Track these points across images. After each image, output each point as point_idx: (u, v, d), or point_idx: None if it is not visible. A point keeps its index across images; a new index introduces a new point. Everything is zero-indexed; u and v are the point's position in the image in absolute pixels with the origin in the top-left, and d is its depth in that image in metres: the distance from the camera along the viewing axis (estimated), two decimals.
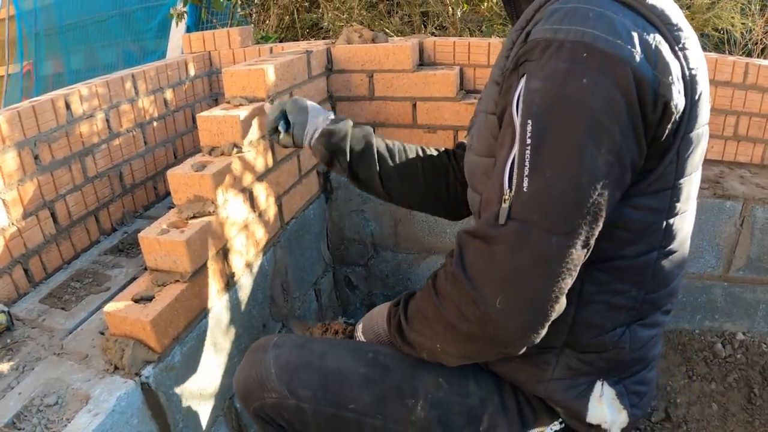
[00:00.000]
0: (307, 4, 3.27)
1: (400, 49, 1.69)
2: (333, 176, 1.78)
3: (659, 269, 0.83)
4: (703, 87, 0.75)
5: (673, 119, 0.71)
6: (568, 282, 0.73)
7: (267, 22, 3.36)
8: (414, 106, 1.76)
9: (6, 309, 1.19)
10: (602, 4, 0.70)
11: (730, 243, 1.71)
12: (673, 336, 1.83)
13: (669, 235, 0.81)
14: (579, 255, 0.72)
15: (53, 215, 1.48)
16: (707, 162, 1.88)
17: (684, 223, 0.83)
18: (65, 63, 5.63)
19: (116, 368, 1.01)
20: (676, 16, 0.73)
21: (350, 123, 1.14)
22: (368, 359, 0.98)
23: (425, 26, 2.97)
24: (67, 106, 1.53)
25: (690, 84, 0.72)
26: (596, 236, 0.73)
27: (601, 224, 0.72)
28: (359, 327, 1.09)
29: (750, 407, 1.63)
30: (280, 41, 3.12)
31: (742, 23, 2.71)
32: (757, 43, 2.87)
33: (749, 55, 2.88)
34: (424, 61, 1.84)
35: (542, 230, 0.70)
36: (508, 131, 0.74)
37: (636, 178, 0.75)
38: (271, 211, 1.43)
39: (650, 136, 0.71)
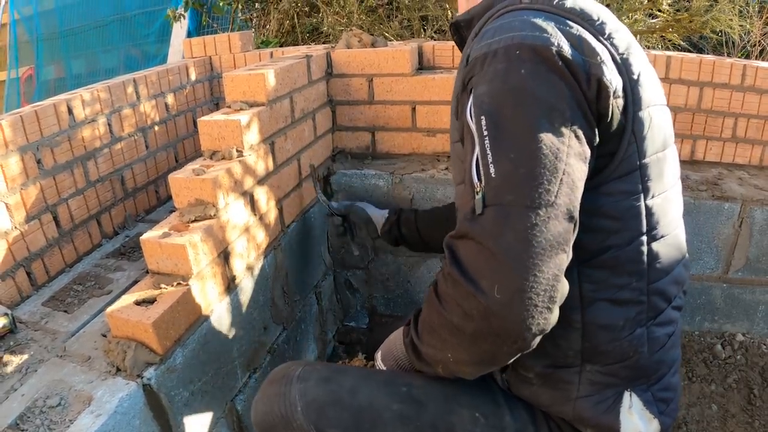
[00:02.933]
0: (307, 8, 3.29)
1: (399, 53, 1.70)
2: (333, 180, 1.79)
3: (654, 255, 0.84)
4: (642, 68, 0.80)
5: (612, 95, 0.75)
6: (563, 258, 0.72)
7: (267, 26, 3.38)
8: (413, 109, 1.77)
9: (9, 312, 1.20)
10: (525, 14, 0.79)
11: (729, 244, 1.72)
12: None
13: (652, 217, 0.83)
14: (566, 228, 0.72)
15: (56, 219, 1.49)
16: (706, 164, 1.89)
17: (667, 204, 0.85)
18: (66, 68, 5.66)
19: (118, 370, 1.02)
20: (597, 12, 0.80)
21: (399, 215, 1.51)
22: (401, 394, 0.94)
23: (424, 30, 2.98)
24: (70, 111, 1.55)
25: (624, 66, 0.78)
26: (578, 209, 0.74)
27: (579, 195, 0.74)
28: (378, 355, 1.07)
29: (750, 408, 1.63)
30: (281, 46, 3.14)
31: (740, 25, 2.72)
32: (755, 45, 2.88)
33: (747, 57, 2.89)
34: (423, 65, 1.85)
35: (520, 208, 0.70)
36: (468, 138, 0.78)
37: (602, 163, 0.79)
38: (272, 215, 1.44)
39: (594, 113, 0.76)
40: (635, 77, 0.79)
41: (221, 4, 3.40)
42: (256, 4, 3.47)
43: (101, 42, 5.29)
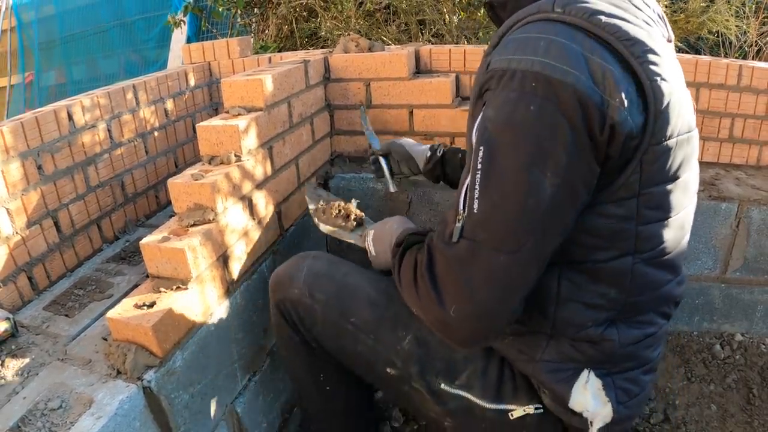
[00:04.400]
0: (305, 13, 3.31)
1: (396, 57, 1.71)
2: (332, 183, 1.80)
3: (640, 275, 0.83)
4: (673, 92, 0.76)
5: (625, 139, 0.73)
6: (520, 295, 0.78)
7: (266, 31, 3.40)
8: (411, 113, 1.78)
9: (11, 316, 1.21)
10: (553, 31, 0.74)
11: (727, 244, 1.72)
12: (672, 338, 1.84)
13: (645, 241, 0.82)
14: (529, 272, 0.77)
15: (56, 224, 1.51)
16: (703, 164, 1.88)
17: (665, 229, 0.83)
18: (67, 74, 5.68)
19: (119, 373, 1.03)
20: (633, 30, 0.75)
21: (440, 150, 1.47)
22: (380, 287, 1.11)
23: (422, 34, 3.00)
24: (70, 117, 1.56)
25: (653, 94, 0.73)
26: (550, 252, 0.77)
27: (555, 241, 0.77)
28: (371, 233, 1.18)
29: (749, 408, 1.63)
30: (279, 51, 3.16)
31: (737, 26, 2.73)
32: (752, 46, 2.89)
33: (744, 57, 2.90)
34: (420, 69, 1.86)
35: (490, 249, 0.75)
36: (469, 156, 0.79)
37: (598, 188, 0.77)
38: (271, 219, 1.45)
39: (602, 156, 0.74)
40: (662, 107, 0.74)
41: (220, 9, 3.42)
42: (255, 10, 3.49)
43: (102, 48, 5.32)
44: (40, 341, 1.20)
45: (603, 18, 0.74)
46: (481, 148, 0.75)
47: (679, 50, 2.97)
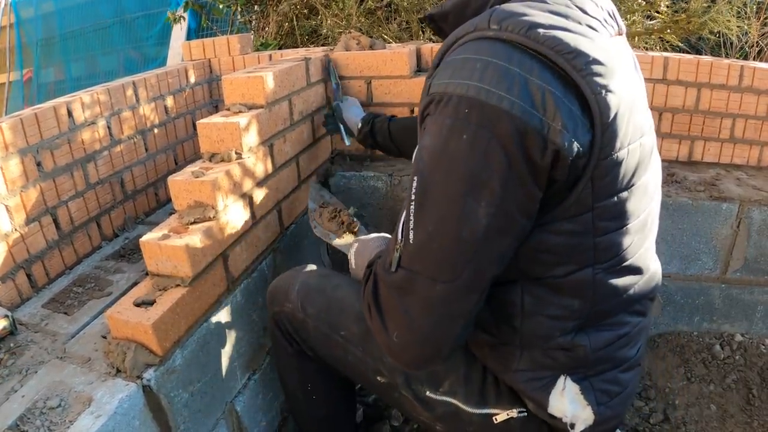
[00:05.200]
0: (306, 11, 3.30)
1: (397, 55, 1.71)
2: (332, 182, 1.79)
3: (602, 284, 0.82)
4: (621, 103, 0.72)
5: (571, 160, 0.70)
6: (461, 323, 0.78)
7: (267, 29, 3.38)
8: (412, 111, 1.78)
9: (9, 314, 1.20)
10: (490, 51, 0.71)
11: (727, 245, 1.72)
12: (672, 338, 1.84)
13: (604, 252, 0.80)
14: (468, 300, 0.76)
15: (56, 221, 1.50)
16: (703, 165, 1.89)
17: (626, 238, 0.81)
18: (66, 70, 5.66)
19: (118, 371, 1.02)
20: (575, 41, 0.71)
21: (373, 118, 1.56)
22: None
23: (423, 32, 2.99)
24: (69, 114, 1.55)
25: (599, 109, 0.70)
26: (489, 280, 0.77)
27: (492, 269, 0.76)
28: (354, 246, 1.17)
29: (749, 408, 1.63)
30: (280, 48, 3.15)
31: (738, 26, 2.73)
32: (753, 46, 2.89)
33: (746, 57, 2.90)
34: (421, 67, 1.86)
35: (426, 278, 0.75)
36: (408, 189, 0.79)
37: (549, 208, 0.75)
38: (271, 217, 1.45)
39: (544, 181, 0.72)
40: (609, 120, 0.71)
41: (220, 6, 3.41)
42: (255, 7, 3.48)
43: (101, 44, 5.30)
44: (39, 339, 1.20)
45: (541, 31, 0.70)
46: (415, 178, 0.75)
47: (679, 50, 2.97)
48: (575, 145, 0.70)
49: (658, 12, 2.72)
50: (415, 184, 0.75)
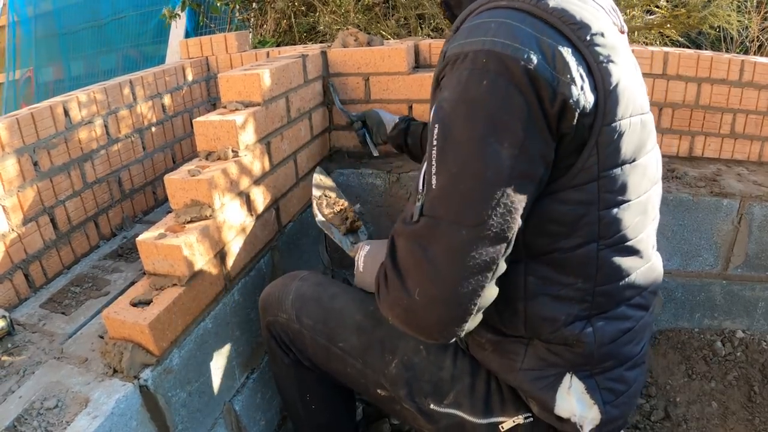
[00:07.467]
0: (304, 8, 3.28)
1: (395, 51, 1.70)
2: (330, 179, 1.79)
3: (606, 262, 0.83)
4: (621, 76, 0.77)
5: (575, 115, 0.73)
6: (487, 276, 0.75)
7: (264, 26, 3.37)
8: (410, 108, 1.77)
9: (7, 314, 1.20)
10: (503, 15, 0.75)
11: (728, 241, 1.71)
12: (673, 335, 1.83)
13: (608, 227, 0.81)
14: (495, 249, 0.74)
15: (53, 221, 1.49)
16: (704, 160, 1.88)
17: (629, 213, 0.83)
18: (65, 69, 5.65)
19: (115, 371, 1.02)
20: (580, 14, 0.76)
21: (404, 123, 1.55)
22: (367, 310, 1.10)
23: (421, 28, 2.98)
24: (66, 113, 1.54)
25: (601, 75, 0.75)
26: (515, 231, 0.75)
27: (518, 218, 0.75)
28: (365, 248, 1.15)
29: (750, 405, 1.63)
30: (278, 45, 3.14)
31: (739, 21, 2.71)
32: (753, 41, 2.88)
33: (746, 52, 2.88)
34: (419, 63, 1.85)
35: (450, 223, 0.73)
36: (427, 143, 0.79)
37: (558, 173, 0.78)
38: (269, 215, 1.44)
39: (555, 131, 0.74)
40: (611, 87, 0.75)
41: (218, 4, 3.40)
42: (253, 4, 3.47)
43: (99, 43, 5.29)
44: (37, 339, 1.19)
45: (550, 3, 0.75)
46: (436, 125, 0.75)
47: (679, 45, 2.96)
48: (582, 100, 0.73)
49: (657, 7, 2.71)
50: (436, 131, 0.75)
